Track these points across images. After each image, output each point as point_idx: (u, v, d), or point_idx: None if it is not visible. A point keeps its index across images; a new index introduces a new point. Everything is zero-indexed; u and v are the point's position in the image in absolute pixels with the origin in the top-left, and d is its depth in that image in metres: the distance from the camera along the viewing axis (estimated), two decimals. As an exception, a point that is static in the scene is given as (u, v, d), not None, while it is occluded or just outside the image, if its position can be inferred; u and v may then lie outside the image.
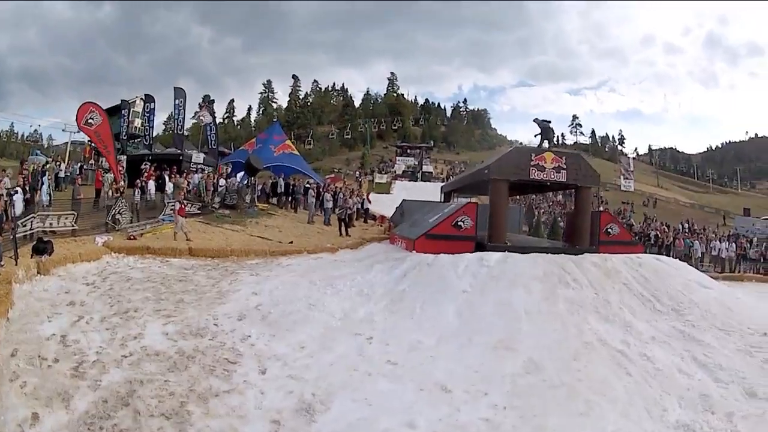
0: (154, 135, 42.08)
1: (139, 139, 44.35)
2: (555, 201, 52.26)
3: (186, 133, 47.09)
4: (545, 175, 19.19)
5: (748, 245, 33.26)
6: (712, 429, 8.41)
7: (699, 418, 8.68)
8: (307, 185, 34.49)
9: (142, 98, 44.61)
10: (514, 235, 24.21)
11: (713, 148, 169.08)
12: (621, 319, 13.04)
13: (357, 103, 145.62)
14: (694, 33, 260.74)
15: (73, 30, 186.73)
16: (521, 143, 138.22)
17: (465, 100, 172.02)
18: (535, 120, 20.91)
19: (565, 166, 19.37)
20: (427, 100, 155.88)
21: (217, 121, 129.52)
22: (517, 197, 40.73)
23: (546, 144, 20.71)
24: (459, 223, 18.63)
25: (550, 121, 21.11)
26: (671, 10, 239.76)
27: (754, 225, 49.01)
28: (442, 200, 29.44)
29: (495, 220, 19.13)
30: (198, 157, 35.58)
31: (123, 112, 40.64)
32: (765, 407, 9.06)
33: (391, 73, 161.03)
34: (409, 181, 66.09)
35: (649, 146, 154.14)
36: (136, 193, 23.24)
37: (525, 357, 10.49)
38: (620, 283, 15.07)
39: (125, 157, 32.38)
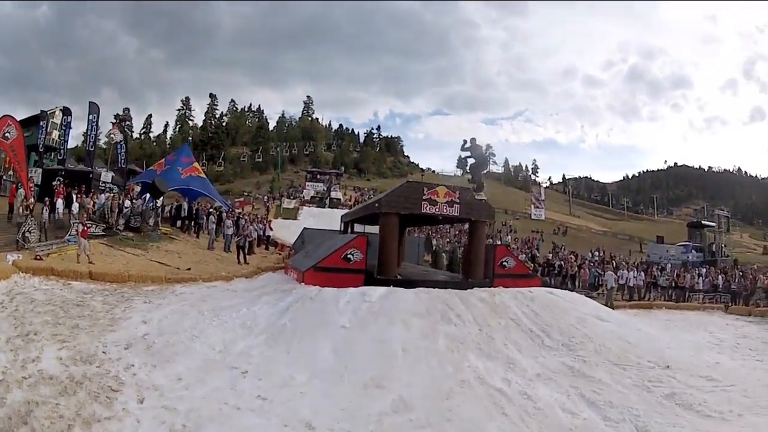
0: (70, 148, 41.15)
1: (55, 152, 43.21)
2: (462, 230, 52.16)
3: (104, 146, 46.08)
4: (437, 209, 19.13)
5: (659, 273, 33.49)
6: None
7: None
8: (211, 209, 33.97)
9: (61, 109, 43.27)
10: (411, 267, 24.65)
11: (630, 177, 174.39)
12: (504, 356, 12.90)
13: (272, 125, 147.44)
14: (617, 67, 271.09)
15: (8, 27, 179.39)
16: (433, 171, 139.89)
17: (378, 127, 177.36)
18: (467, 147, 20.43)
19: (458, 200, 19.32)
20: (341, 126, 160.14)
21: (134, 136, 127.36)
22: (418, 228, 40.59)
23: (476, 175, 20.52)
24: (348, 256, 18.40)
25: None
26: (595, 45, 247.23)
27: (668, 251, 50.20)
28: (342, 230, 28.95)
29: (384, 253, 18.99)
30: (107, 176, 35.10)
31: (42, 123, 40.01)
32: None
33: (308, 96, 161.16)
34: (317, 207, 65.25)
35: (563, 175, 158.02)
36: (44, 210, 23.25)
37: (395, 395, 10.36)
38: (508, 318, 15.02)
39: (41, 170, 32.40)
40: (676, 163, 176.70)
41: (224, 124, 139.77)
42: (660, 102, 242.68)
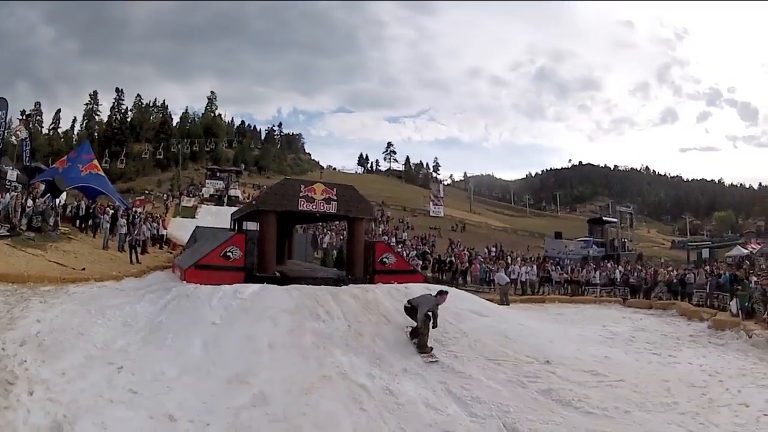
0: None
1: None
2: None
3: (14, 142, 44.54)
4: (315, 206, 19.21)
5: (552, 268, 34.25)
6: None
7: None
8: (108, 208, 33.48)
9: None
10: (297, 264, 24.85)
11: (533, 175, 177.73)
12: (371, 351, 13.01)
13: (176, 121, 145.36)
14: (525, 68, 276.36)
15: None
16: (334, 168, 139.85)
17: (280, 124, 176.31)
18: None
19: (335, 198, 19.46)
20: (243, 122, 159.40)
21: (44, 131, 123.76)
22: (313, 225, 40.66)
23: None
24: (228, 254, 18.41)
25: None
26: (504, 46, 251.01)
27: (567, 247, 51.26)
28: (231, 228, 28.59)
29: (263, 250, 19.10)
30: (12, 174, 33.65)
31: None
32: None
33: (212, 91, 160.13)
34: (215, 205, 64.15)
35: (465, 173, 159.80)
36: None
37: (256, 390, 10.63)
38: (379, 314, 15.09)
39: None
40: (581, 162, 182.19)
41: (129, 119, 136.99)
42: (567, 103, 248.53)
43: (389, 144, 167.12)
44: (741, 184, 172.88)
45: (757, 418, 10.83)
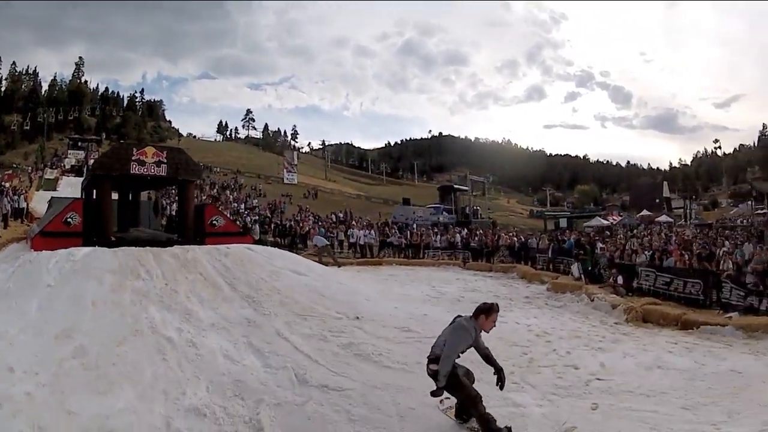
0: None
1: None
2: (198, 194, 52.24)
3: None
4: (146, 170, 19.32)
5: (392, 232, 35.47)
6: (227, 414, 8.68)
7: (220, 403, 9.02)
8: None
9: None
10: (140, 230, 24.59)
11: (392, 145, 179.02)
12: (184, 307, 13.32)
13: (45, 89, 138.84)
14: (392, 40, 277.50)
15: None
16: (194, 136, 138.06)
17: (142, 90, 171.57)
18: None
19: (165, 161, 19.63)
20: (107, 89, 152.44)
21: None
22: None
23: None
24: (68, 220, 18.49)
25: None
26: (374, 18, 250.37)
27: (415, 213, 52.48)
28: (82, 196, 28.53)
29: (100, 215, 19.08)
30: None
31: None
32: (311, 395, 9.44)
33: (80, 57, 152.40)
34: (76, 176, 62.39)
35: (324, 141, 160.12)
36: None
37: (77, 344, 10.86)
38: (197, 273, 15.50)
39: None
40: (441, 133, 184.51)
41: (3, 89, 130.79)
42: (431, 76, 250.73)
43: (248, 111, 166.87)
44: (608, 161, 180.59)
45: (587, 382, 11.13)
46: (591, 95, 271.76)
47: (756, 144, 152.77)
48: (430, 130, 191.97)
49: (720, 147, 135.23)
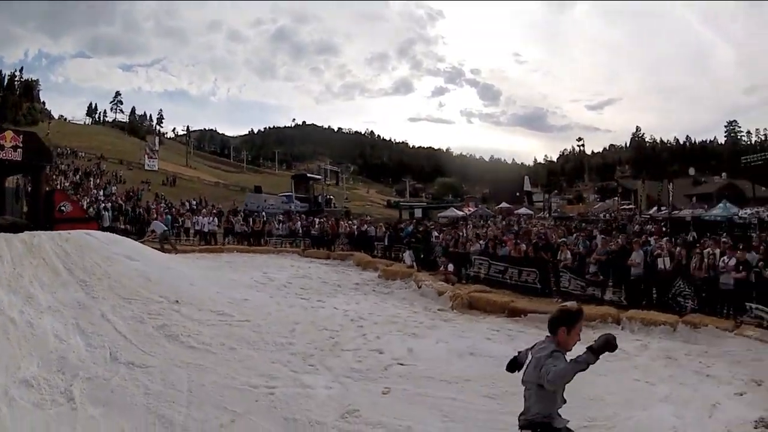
0: None
1: None
2: (72, 180, 51.79)
3: None
4: (4, 154, 19.06)
5: (234, 219, 36.55)
6: (49, 386, 9.29)
7: (45, 376, 9.58)
8: None
9: None
10: (3, 218, 24.35)
11: (255, 132, 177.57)
12: (27, 291, 13.48)
13: None
14: (266, 26, 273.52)
15: None
16: (65, 119, 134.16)
17: (21, 69, 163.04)
18: None
19: (21, 145, 19.35)
20: None
21: None
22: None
23: None
24: None
25: None
26: (249, 1, 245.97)
27: (266, 201, 52.91)
28: None
29: None
30: None
31: None
32: (119, 371, 10.17)
33: None
34: None
35: (188, 127, 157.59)
36: None
37: None
38: (40, 258, 15.54)
39: None
40: (304, 122, 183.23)
41: None
42: (300, 64, 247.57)
43: (117, 94, 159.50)
44: (472, 155, 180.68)
45: (387, 366, 11.50)
46: (459, 91, 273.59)
47: (627, 145, 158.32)
48: (294, 119, 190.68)
49: (583, 145, 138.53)
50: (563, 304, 6.21)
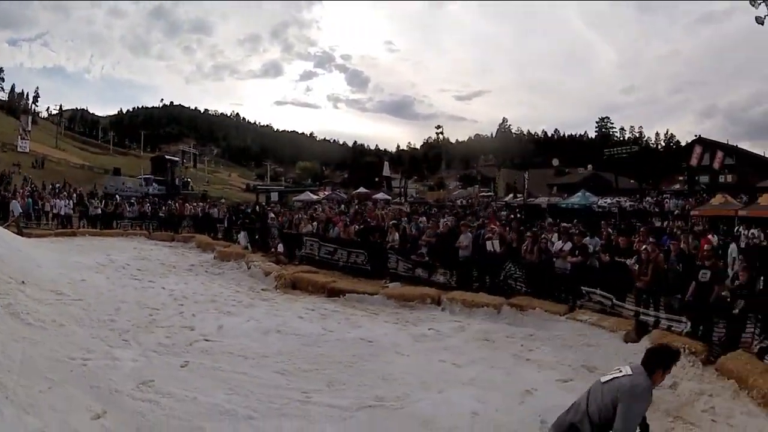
0: None
1: None
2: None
3: None
4: None
5: (90, 203, 35.84)
6: None
7: None
8: None
9: None
10: None
11: (124, 112, 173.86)
12: None
13: None
14: (145, 2, 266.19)
15: None
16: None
17: None
18: None
19: None
20: None
21: None
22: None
23: None
24: None
25: None
26: None
27: (125, 184, 52.58)
28: None
29: None
30: None
31: None
32: None
33: None
34: None
35: (60, 107, 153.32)
36: None
37: None
38: None
39: None
40: (172, 103, 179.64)
41: None
42: (174, 42, 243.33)
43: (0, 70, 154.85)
44: (335, 140, 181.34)
45: (193, 342, 11.95)
46: (328, 76, 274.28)
47: (494, 134, 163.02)
48: (162, 99, 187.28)
49: (442, 132, 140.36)
50: (665, 348, 6.11)
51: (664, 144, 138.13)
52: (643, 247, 15.05)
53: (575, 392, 8.83)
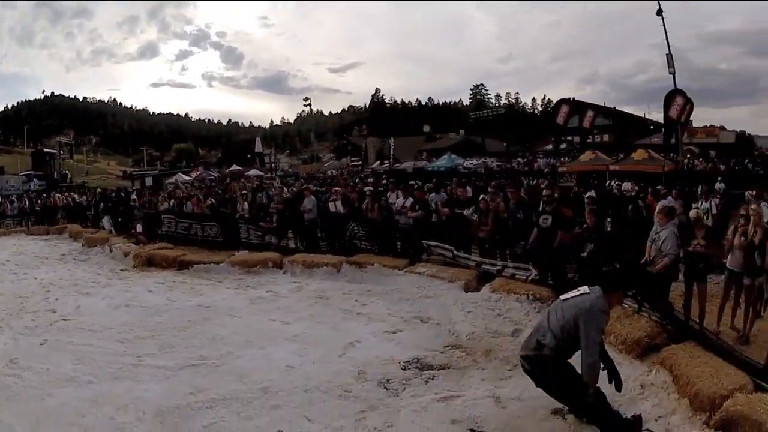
0: None
1: None
2: None
3: None
4: None
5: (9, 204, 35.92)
6: None
7: None
8: None
9: None
10: None
11: (9, 108, 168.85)
12: None
13: None
14: None
15: None
16: None
17: None
18: None
19: None
20: None
21: None
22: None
23: None
24: None
25: None
26: None
27: (8, 182, 51.07)
28: None
29: None
30: None
31: None
32: None
33: None
34: None
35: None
36: None
37: None
38: None
39: None
40: (53, 93, 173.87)
41: None
42: (57, 29, 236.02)
43: None
44: (209, 120, 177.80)
45: (53, 322, 12.34)
46: (203, 54, 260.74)
47: (367, 105, 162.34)
48: (44, 90, 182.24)
49: (311, 104, 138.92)
50: (623, 266, 7.18)
51: (541, 109, 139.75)
52: (481, 197, 15.60)
53: (401, 344, 10.03)
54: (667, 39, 36.32)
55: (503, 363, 9.01)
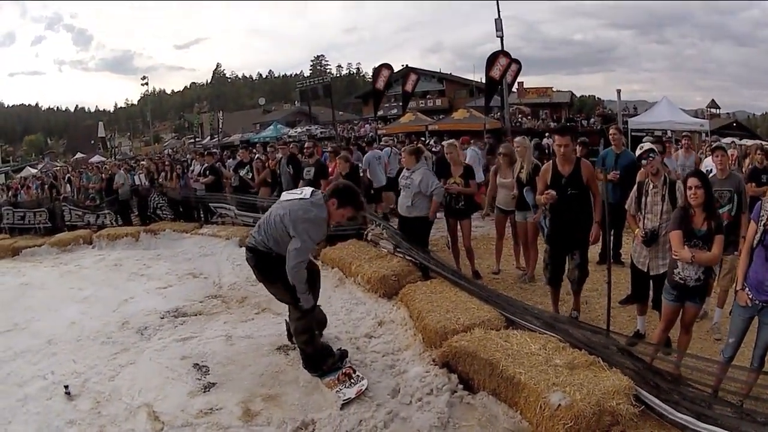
0: None
1: None
2: None
3: None
4: None
5: None
6: None
7: None
8: None
9: None
10: None
11: None
12: None
13: None
14: None
15: None
16: None
17: None
18: None
19: None
20: None
21: None
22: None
23: None
24: None
25: None
26: None
27: None
28: None
29: None
30: None
31: None
32: None
33: None
34: None
35: None
36: None
37: None
38: None
39: None
40: None
41: None
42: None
43: None
44: (58, 108, 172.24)
45: None
46: (56, 38, 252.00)
47: (209, 81, 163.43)
48: None
49: (147, 83, 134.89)
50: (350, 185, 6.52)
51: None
52: (256, 156, 17.75)
53: (167, 297, 10.97)
54: (497, 4, 37.85)
55: (253, 308, 9.79)
